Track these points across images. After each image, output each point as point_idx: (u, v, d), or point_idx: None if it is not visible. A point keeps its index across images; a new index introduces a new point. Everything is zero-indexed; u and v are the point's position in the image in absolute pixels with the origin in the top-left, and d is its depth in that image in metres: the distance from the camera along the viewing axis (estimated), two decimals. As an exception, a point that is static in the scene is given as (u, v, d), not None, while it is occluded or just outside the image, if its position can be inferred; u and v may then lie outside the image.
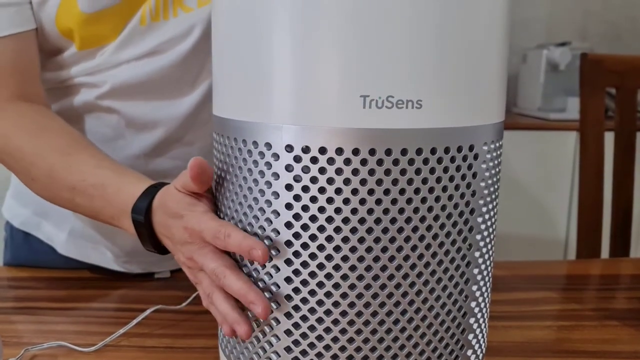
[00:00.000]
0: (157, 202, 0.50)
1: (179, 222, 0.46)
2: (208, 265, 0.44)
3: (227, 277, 0.42)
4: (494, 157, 0.40)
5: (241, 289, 0.41)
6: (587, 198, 1.04)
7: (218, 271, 0.43)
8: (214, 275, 0.43)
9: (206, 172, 0.44)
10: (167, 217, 0.48)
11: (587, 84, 1.03)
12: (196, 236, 0.44)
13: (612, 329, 0.61)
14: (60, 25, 0.60)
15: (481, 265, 0.41)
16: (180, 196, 0.47)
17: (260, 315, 0.39)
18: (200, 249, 0.44)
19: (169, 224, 0.48)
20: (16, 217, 0.78)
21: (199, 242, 0.45)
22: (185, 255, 0.46)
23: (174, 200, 0.47)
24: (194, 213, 0.45)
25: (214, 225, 0.43)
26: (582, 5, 2.23)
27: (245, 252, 0.40)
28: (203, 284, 0.45)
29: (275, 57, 0.37)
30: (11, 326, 0.60)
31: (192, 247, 0.45)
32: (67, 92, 0.65)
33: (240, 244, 0.40)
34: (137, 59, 0.61)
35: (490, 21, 0.38)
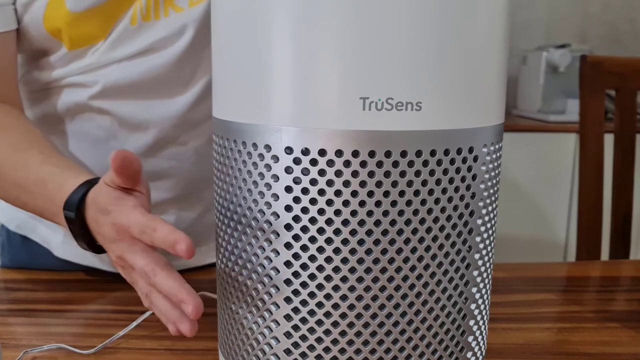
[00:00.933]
0: (90, 198, 0.48)
1: (107, 218, 0.44)
2: (138, 263, 0.42)
3: (157, 275, 0.40)
4: (494, 159, 0.40)
5: (172, 287, 0.39)
6: (586, 200, 1.04)
7: (148, 269, 0.41)
8: (144, 273, 0.41)
9: (131, 166, 0.42)
10: (98, 213, 0.46)
11: (586, 85, 1.03)
12: (124, 233, 0.42)
13: (612, 331, 0.61)
14: (48, 25, 0.59)
15: (481, 267, 0.41)
16: (109, 190, 0.44)
17: (190, 314, 0.37)
18: (130, 246, 0.43)
19: (100, 220, 0.45)
20: (11, 220, 0.77)
21: (129, 239, 0.42)
22: (116, 253, 0.44)
23: (103, 194, 0.45)
24: (122, 208, 0.43)
25: (141, 219, 0.41)
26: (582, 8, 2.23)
27: (170, 247, 0.38)
28: (139, 284, 0.44)
29: (274, 59, 0.37)
30: (10, 328, 0.60)
31: (121, 245, 0.43)
32: (58, 93, 0.65)
33: (166, 237, 0.38)
34: (129, 59, 0.61)
35: (489, 23, 0.38)
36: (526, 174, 1.80)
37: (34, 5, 0.59)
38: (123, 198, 0.44)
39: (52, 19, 0.59)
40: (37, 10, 0.59)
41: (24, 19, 0.60)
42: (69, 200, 0.49)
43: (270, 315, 0.40)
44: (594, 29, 2.24)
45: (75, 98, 0.64)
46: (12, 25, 0.60)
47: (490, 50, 0.38)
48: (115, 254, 0.44)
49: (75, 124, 0.66)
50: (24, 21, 0.60)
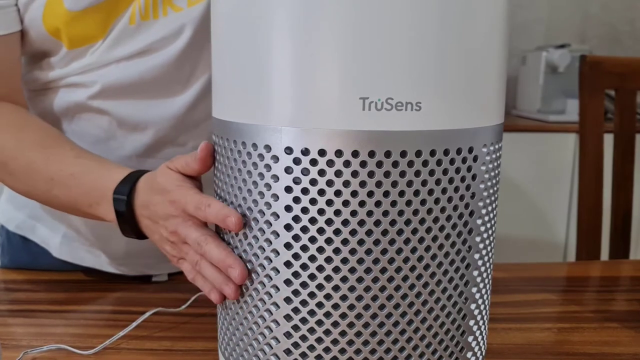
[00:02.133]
0: (142, 183, 0.51)
1: (165, 197, 0.48)
2: (191, 235, 0.46)
3: (208, 244, 0.44)
4: (494, 159, 0.40)
5: (220, 253, 0.43)
6: (586, 200, 1.04)
7: (200, 239, 0.45)
8: (196, 244, 0.46)
9: (212, 157, 0.46)
10: (152, 194, 0.50)
11: (586, 86, 1.03)
12: (180, 209, 0.47)
13: (612, 331, 0.61)
14: (47, 24, 0.60)
15: (481, 267, 0.41)
16: (172, 173, 0.49)
17: (237, 278, 0.41)
18: (184, 221, 0.47)
19: (153, 200, 0.49)
20: (11, 220, 0.77)
21: (183, 215, 0.47)
22: (169, 229, 0.48)
23: (165, 176, 0.49)
24: (182, 188, 0.47)
25: (197, 197, 0.46)
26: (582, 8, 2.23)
27: (221, 221, 0.42)
28: (189, 254, 0.48)
29: (274, 60, 0.37)
30: (10, 329, 0.60)
31: (176, 221, 0.47)
32: (58, 93, 0.65)
33: (217, 212, 0.42)
34: (128, 59, 0.62)
35: (489, 23, 0.38)
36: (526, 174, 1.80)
37: (33, 5, 0.59)
38: (185, 180, 0.48)
39: (51, 18, 0.59)
40: (36, 9, 0.59)
41: (24, 19, 0.60)
42: (119, 187, 0.52)
43: (270, 316, 0.40)
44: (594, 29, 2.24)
45: (74, 98, 0.64)
46: (16, 27, 0.61)
47: (490, 51, 0.38)
48: (169, 229, 0.48)
49: (74, 123, 0.66)
50: (25, 21, 0.61)
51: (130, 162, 0.66)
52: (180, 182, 0.48)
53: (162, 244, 0.51)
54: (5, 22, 0.60)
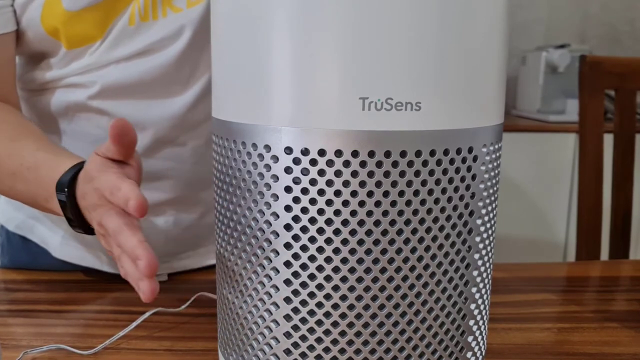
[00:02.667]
0: (81, 174, 0.48)
1: (91, 184, 0.45)
2: (110, 224, 0.42)
3: (121, 234, 0.40)
4: (493, 159, 0.40)
5: (131, 244, 0.39)
6: (586, 200, 1.04)
7: (116, 230, 0.41)
8: (113, 235, 0.42)
9: (128, 135, 0.42)
10: (85, 183, 0.46)
11: (586, 86, 1.04)
12: (103, 197, 0.43)
13: (612, 331, 0.61)
14: (45, 25, 0.60)
15: (481, 267, 0.41)
16: (98, 159, 0.45)
17: (142, 270, 0.37)
18: (107, 210, 0.43)
19: (85, 190, 0.46)
20: (10, 220, 0.77)
21: (107, 203, 0.43)
22: (96, 220, 0.44)
23: (91, 163, 0.46)
24: (104, 173, 0.44)
25: (111, 180, 0.41)
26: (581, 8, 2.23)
27: (123, 205, 0.39)
28: (113, 248, 0.44)
29: (274, 59, 0.37)
30: (9, 329, 0.60)
31: (101, 210, 0.44)
32: (57, 93, 0.65)
33: (123, 195, 0.39)
34: (127, 60, 0.61)
35: (489, 23, 0.38)
36: (526, 174, 1.80)
37: (32, 5, 0.59)
38: (109, 165, 0.44)
39: (49, 18, 0.59)
40: (35, 10, 0.59)
41: (22, 20, 0.60)
42: (61, 180, 0.49)
43: (270, 316, 0.40)
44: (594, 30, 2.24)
45: (74, 98, 0.64)
46: (11, 27, 0.61)
47: (490, 51, 0.38)
48: (95, 221, 0.45)
49: (74, 123, 0.66)
50: (23, 22, 0.61)
51: None
52: (103, 167, 0.44)
53: (98, 237, 0.47)
54: (1, 22, 0.60)
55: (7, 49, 0.62)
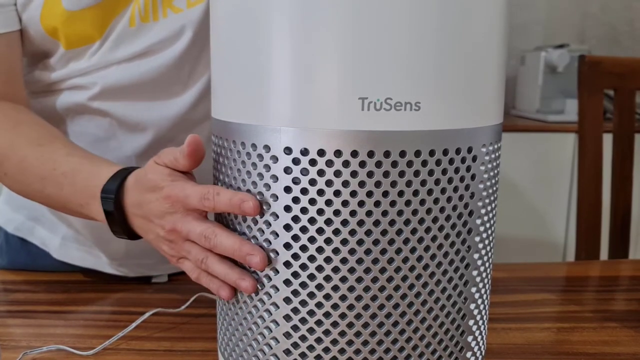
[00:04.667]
0: (132, 181, 0.49)
1: (158, 193, 0.45)
2: (195, 229, 0.43)
3: (218, 236, 0.41)
4: (493, 159, 0.40)
5: (235, 242, 0.40)
6: (585, 200, 1.04)
7: (208, 232, 0.42)
8: (203, 238, 0.42)
9: (201, 151, 0.44)
10: (144, 192, 0.47)
11: (585, 86, 1.03)
12: (179, 204, 0.44)
13: (612, 331, 0.61)
14: (45, 24, 0.60)
15: (480, 267, 0.41)
16: (162, 169, 0.46)
17: (258, 264, 0.38)
18: (184, 217, 0.44)
19: (146, 198, 0.47)
20: (10, 222, 0.77)
21: (182, 211, 0.44)
22: (167, 227, 0.45)
23: (155, 172, 0.46)
24: (177, 182, 0.45)
25: (200, 188, 0.42)
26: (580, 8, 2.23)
27: (236, 207, 0.39)
28: (192, 252, 0.44)
29: (273, 60, 0.37)
30: (9, 330, 0.60)
31: (174, 217, 0.45)
32: (59, 95, 0.65)
33: (230, 199, 0.39)
34: (128, 61, 0.61)
35: (488, 24, 0.38)
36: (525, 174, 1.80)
37: (32, 4, 0.59)
38: (177, 175, 0.46)
39: (49, 17, 0.59)
40: (35, 9, 0.59)
41: (22, 19, 0.61)
42: (107, 186, 0.50)
43: (269, 316, 0.40)
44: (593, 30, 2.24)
45: (75, 99, 0.64)
46: (16, 26, 0.61)
47: (489, 51, 0.38)
48: (166, 228, 0.45)
49: (75, 124, 0.66)
50: (23, 21, 0.61)
51: (130, 162, 0.66)
52: (173, 177, 0.45)
53: (159, 244, 0.48)
54: (6, 21, 0.60)
55: (13, 47, 0.62)
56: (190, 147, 0.44)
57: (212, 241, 0.42)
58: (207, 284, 0.45)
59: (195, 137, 0.43)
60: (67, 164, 0.55)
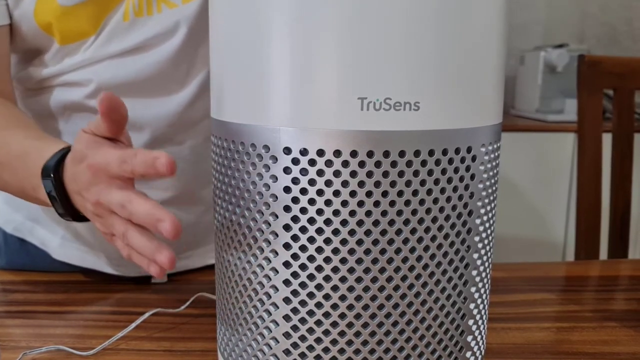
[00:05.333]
0: (69, 157, 0.47)
1: (83, 163, 0.43)
2: (114, 198, 0.41)
3: (132, 202, 0.39)
4: (492, 158, 0.40)
5: (148, 209, 0.38)
6: (585, 199, 1.04)
7: (124, 200, 0.40)
8: (120, 207, 0.40)
9: (118, 109, 0.41)
10: (75, 165, 0.45)
11: (584, 85, 1.04)
12: (102, 172, 0.41)
13: (611, 330, 0.61)
14: (39, 19, 0.60)
15: (480, 267, 0.41)
16: (87, 136, 0.44)
17: (169, 232, 0.36)
18: (107, 187, 0.42)
19: (76, 171, 0.44)
20: (9, 222, 0.77)
21: (105, 180, 0.42)
22: (92, 200, 0.43)
23: (80, 141, 0.44)
24: (99, 149, 0.42)
25: (120, 152, 0.40)
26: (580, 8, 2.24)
27: (150, 165, 0.37)
28: (115, 225, 0.42)
29: (273, 60, 0.37)
30: (8, 330, 0.60)
31: (98, 188, 0.42)
32: (54, 92, 0.65)
33: (145, 159, 0.37)
34: (121, 56, 0.61)
35: (488, 23, 0.38)
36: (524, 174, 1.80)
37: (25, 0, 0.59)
38: (101, 142, 0.43)
39: (43, 12, 0.59)
40: (28, 4, 0.59)
41: (15, 14, 0.60)
42: (46, 164, 0.48)
43: (269, 316, 0.40)
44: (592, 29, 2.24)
45: (71, 97, 0.64)
46: (4, 21, 0.61)
47: (489, 50, 0.38)
48: (91, 200, 0.43)
49: (70, 123, 0.66)
50: (15, 16, 0.60)
51: None
52: (95, 144, 0.43)
53: (94, 221, 0.45)
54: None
55: (3, 41, 0.62)
56: (102, 104, 0.40)
57: (128, 208, 0.39)
58: (138, 261, 0.42)
59: (107, 93, 0.40)
60: (21, 146, 0.52)
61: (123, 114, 0.42)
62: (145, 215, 0.38)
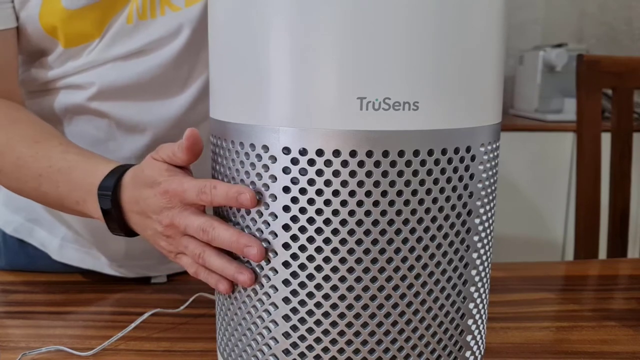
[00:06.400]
0: (129, 178, 0.49)
1: (155, 189, 0.46)
2: (193, 223, 0.43)
3: (216, 229, 0.42)
4: (491, 158, 0.40)
5: (232, 235, 0.40)
6: (584, 199, 1.05)
7: (206, 225, 0.42)
8: (200, 231, 0.43)
9: (199, 145, 0.44)
10: (141, 188, 0.47)
11: (583, 85, 1.04)
12: (176, 198, 0.44)
13: (610, 330, 0.61)
14: (44, 22, 0.60)
15: (479, 267, 0.41)
16: (159, 164, 0.46)
17: (255, 256, 0.39)
18: (181, 211, 0.44)
19: (143, 194, 0.47)
20: (8, 224, 0.77)
21: (179, 205, 0.44)
22: (164, 222, 0.45)
23: (152, 168, 0.46)
24: (174, 177, 0.45)
25: (198, 182, 0.43)
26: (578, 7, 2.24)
27: (233, 199, 0.39)
28: (189, 247, 0.45)
29: (272, 60, 0.37)
30: (7, 331, 0.59)
31: (171, 212, 0.45)
32: (56, 95, 0.65)
33: (227, 192, 0.40)
34: (125, 59, 0.61)
35: (486, 23, 0.38)
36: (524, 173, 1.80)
37: (30, 2, 0.59)
38: (174, 170, 0.46)
39: (48, 16, 0.59)
40: (33, 7, 0.59)
41: (20, 16, 0.60)
42: (104, 182, 0.50)
43: (268, 316, 0.40)
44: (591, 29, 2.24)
45: (73, 99, 0.64)
46: (12, 23, 0.61)
47: (488, 50, 0.38)
48: (164, 223, 0.45)
49: (73, 125, 0.66)
50: (21, 18, 0.61)
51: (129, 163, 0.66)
52: (170, 172, 0.46)
53: (157, 240, 0.48)
54: (2, 18, 0.60)
55: (9, 44, 0.62)
56: (189, 140, 0.44)
57: (210, 234, 0.42)
58: (205, 278, 0.45)
59: (193, 130, 0.44)
60: (63, 160, 0.55)
61: (201, 147, 0.45)
62: (230, 242, 0.41)
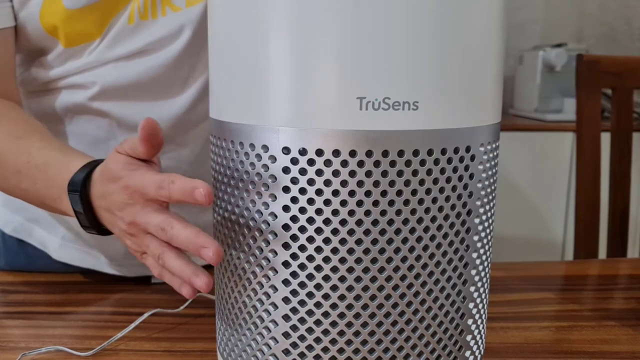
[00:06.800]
0: (98, 172, 0.48)
1: (118, 183, 0.44)
2: (152, 221, 0.41)
3: (174, 227, 0.40)
4: (491, 158, 0.40)
5: (190, 234, 0.39)
6: (584, 199, 1.05)
7: (164, 224, 0.41)
8: (159, 230, 0.41)
9: (157, 135, 0.42)
10: (106, 183, 0.45)
11: (583, 85, 1.04)
12: (138, 194, 0.42)
13: (610, 330, 0.61)
14: (44, 22, 0.60)
15: (479, 267, 0.41)
16: (122, 157, 0.44)
17: (211, 259, 0.37)
18: (143, 208, 0.42)
19: (108, 189, 0.45)
20: (8, 224, 0.77)
21: (141, 202, 0.42)
22: (127, 220, 0.44)
23: (115, 162, 0.45)
24: (136, 171, 0.43)
25: (157, 177, 0.41)
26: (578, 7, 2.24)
27: (188, 194, 0.38)
28: (150, 246, 0.43)
29: (271, 60, 0.37)
30: (7, 331, 0.59)
31: (133, 209, 0.43)
32: (57, 94, 0.65)
33: (184, 187, 0.38)
34: (126, 59, 0.61)
35: (486, 23, 0.38)
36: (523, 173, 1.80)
37: (31, 1, 0.59)
38: (136, 164, 0.44)
39: (49, 15, 0.59)
40: (34, 6, 0.59)
41: (20, 16, 0.60)
42: (73, 179, 0.48)
43: (268, 316, 0.40)
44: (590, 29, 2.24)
45: (74, 99, 0.64)
46: (10, 23, 0.61)
47: (487, 50, 0.38)
48: (126, 220, 0.44)
49: (74, 124, 0.66)
50: (21, 18, 0.61)
51: None
52: (133, 166, 0.44)
53: (123, 238, 0.46)
54: (0, 17, 0.60)
55: (7, 44, 0.62)
56: (144, 130, 0.41)
57: (169, 233, 0.40)
58: (169, 280, 0.43)
59: (149, 119, 0.41)
60: (41, 156, 0.53)
61: (161, 138, 0.43)
62: (187, 241, 0.39)
